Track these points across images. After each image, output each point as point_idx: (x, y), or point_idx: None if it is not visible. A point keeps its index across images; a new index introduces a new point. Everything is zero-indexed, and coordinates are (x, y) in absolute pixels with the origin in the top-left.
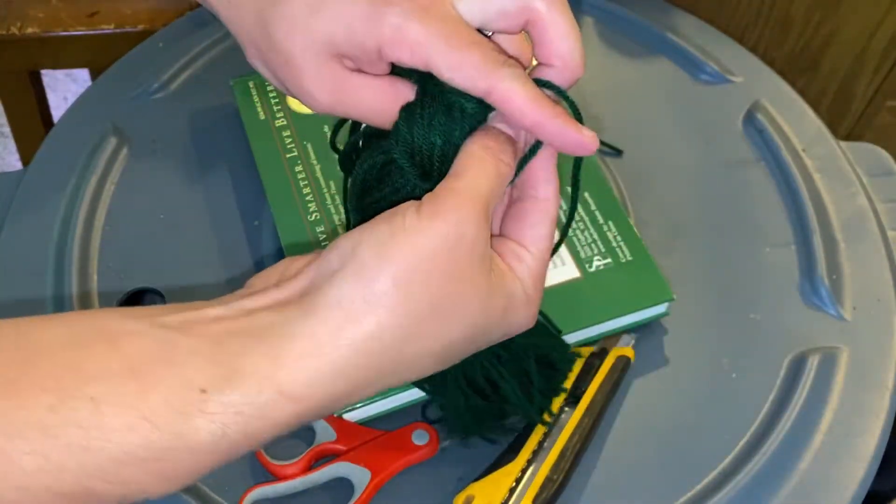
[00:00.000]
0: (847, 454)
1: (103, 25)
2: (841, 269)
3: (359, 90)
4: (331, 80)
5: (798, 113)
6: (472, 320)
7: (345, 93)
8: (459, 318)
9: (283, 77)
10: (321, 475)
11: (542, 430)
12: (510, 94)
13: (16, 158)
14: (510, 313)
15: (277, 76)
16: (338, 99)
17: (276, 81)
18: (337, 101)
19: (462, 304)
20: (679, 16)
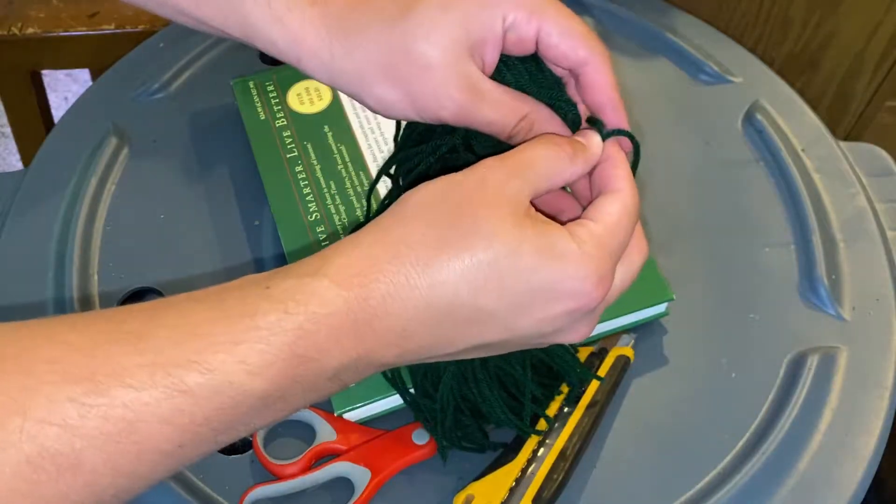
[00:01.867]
0: (846, 454)
1: (104, 26)
2: (840, 269)
3: (490, 94)
4: (466, 83)
5: (798, 113)
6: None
7: (477, 97)
8: (485, 238)
9: (417, 88)
10: (321, 475)
11: (544, 428)
12: (604, 68)
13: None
14: (558, 263)
15: (410, 90)
16: (469, 103)
17: (403, 101)
18: (468, 105)
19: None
20: (679, 16)
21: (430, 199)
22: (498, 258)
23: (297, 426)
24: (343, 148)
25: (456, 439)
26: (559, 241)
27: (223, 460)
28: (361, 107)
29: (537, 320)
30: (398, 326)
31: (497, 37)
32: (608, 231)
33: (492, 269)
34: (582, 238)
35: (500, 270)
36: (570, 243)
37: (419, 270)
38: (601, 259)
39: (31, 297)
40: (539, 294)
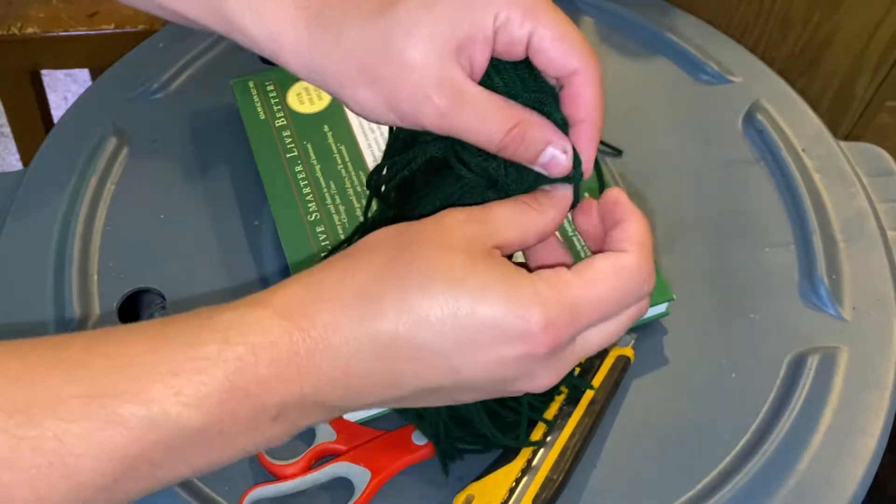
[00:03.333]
0: (847, 454)
1: (104, 25)
2: (840, 268)
3: (476, 100)
4: (448, 86)
5: (798, 113)
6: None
7: (460, 102)
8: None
9: (396, 91)
10: (321, 475)
11: (543, 430)
12: (593, 81)
13: (16, 158)
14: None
15: (389, 93)
16: (451, 109)
17: (382, 105)
18: (450, 111)
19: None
20: (679, 16)
21: (381, 240)
22: (439, 291)
23: None
24: (343, 148)
25: (455, 452)
26: (514, 280)
27: None
28: None
29: (484, 362)
30: (341, 362)
31: (487, 37)
32: (581, 283)
33: (432, 302)
34: (544, 282)
35: (441, 304)
36: (525, 284)
37: (360, 303)
38: (556, 305)
39: (31, 297)
40: (482, 332)
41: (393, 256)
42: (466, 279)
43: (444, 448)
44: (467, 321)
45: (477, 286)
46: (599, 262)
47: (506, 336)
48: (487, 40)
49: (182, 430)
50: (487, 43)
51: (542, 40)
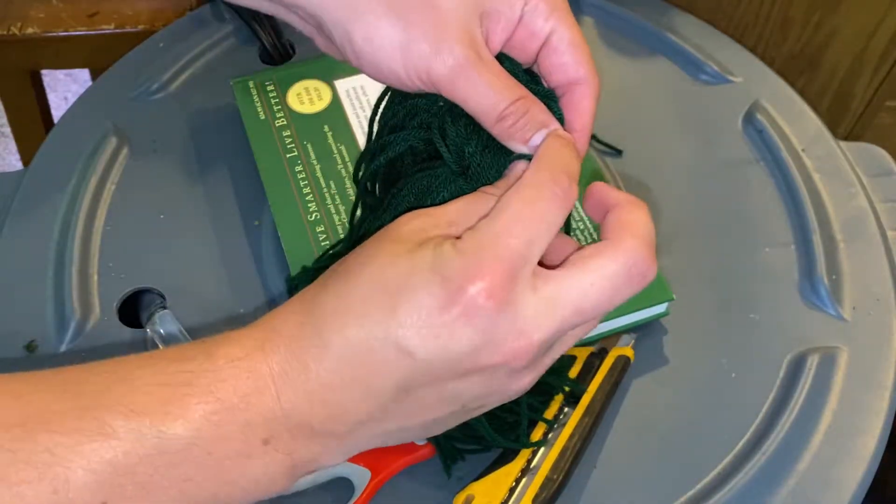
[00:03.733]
0: (847, 454)
1: (104, 25)
2: (840, 269)
3: (490, 63)
4: (470, 39)
5: (798, 113)
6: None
7: (477, 60)
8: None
9: (417, 27)
10: (321, 475)
11: (543, 430)
12: (593, 94)
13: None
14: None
15: (408, 28)
16: (469, 62)
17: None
18: (467, 64)
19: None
20: (679, 16)
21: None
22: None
23: None
24: (343, 148)
25: (457, 453)
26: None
27: None
28: (361, 106)
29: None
30: (311, 373)
31: (512, 18)
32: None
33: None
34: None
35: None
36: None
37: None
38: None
39: (31, 297)
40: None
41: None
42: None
43: (445, 450)
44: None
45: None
46: (591, 258)
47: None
48: (511, 21)
49: (168, 443)
50: (510, 23)
51: (561, 41)
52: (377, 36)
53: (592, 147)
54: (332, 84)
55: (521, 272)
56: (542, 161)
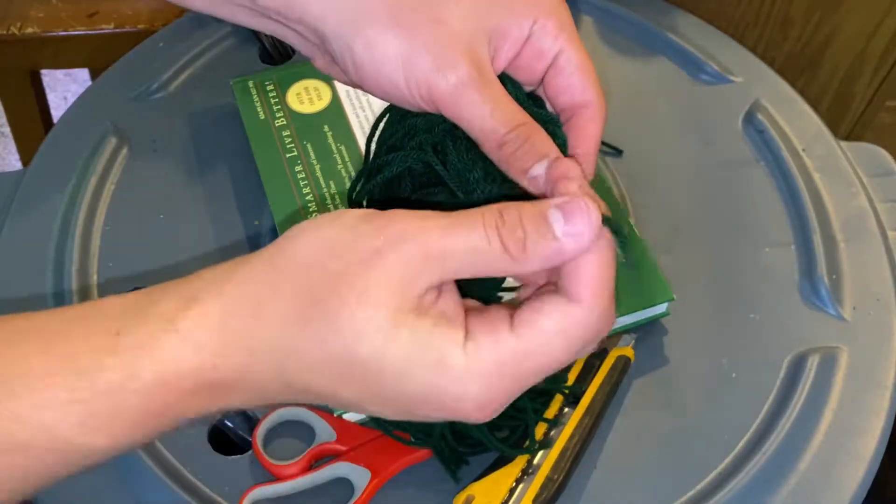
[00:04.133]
0: (847, 454)
1: (103, 25)
2: (841, 268)
3: (494, 84)
4: (475, 58)
5: (798, 113)
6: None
7: (482, 80)
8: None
9: (422, 42)
10: (321, 475)
11: (543, 430)
12: (599, 118)
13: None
14: (430, 376)
15: (413, 41)
16: (472, 80)
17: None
18: (470, 82)
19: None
20: (679, 16)
21: (313, 256)
22: (359, 359)
23: (297, 427)
24: (343, 148)
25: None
26: (443, 349)
27: (222, 461)
28: (361, 106)
29: (402, 413)
30: (256, 393)
31: (520, 37)
32: (522, 352)
33: (352, 368)
34: (479, 351)
35: (362, 371)
36: (456, 355)
37: (276, 346)
38: (492, 383)
39: (31, 297)
40: (404, 399)
41: (317, 294)
42: (390, 349)
43: (446, 454)
44: (390, 393)
45: (400, 359)
46: (548, 320)
47: (437, 408)
48: (518, 40)
49: (86, 452)
50: (517, 42)
51: (569, 62)
52: (380, 47)
53: None
54: (332, 84)
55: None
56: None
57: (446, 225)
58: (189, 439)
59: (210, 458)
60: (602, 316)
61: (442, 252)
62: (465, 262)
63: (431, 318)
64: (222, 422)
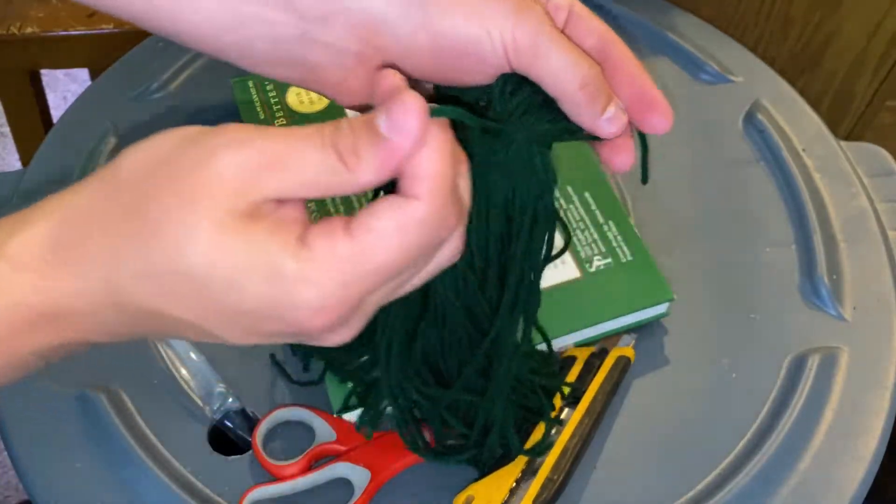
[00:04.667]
0: (847, 454)
1: (103, 25)
2: (841, 269)
3: (560, 35)
4: (544, 12)
5: (798, 113)
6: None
7: (553, 30)
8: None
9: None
10: (321, 475)
11: (542, 430)
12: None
13: (15, 158)
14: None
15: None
16: (548, 34)
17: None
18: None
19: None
20: (679, 16)
21: (142, 166)
22: (186, 270)
23: (297, 427)
24: None
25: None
26: (274, 256)
27: (222, 461)
28: None
29: (249, 334)
30: (94, 323)
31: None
32: (357, 253)
33: (180, 281)
34: (312, 256)
35: (192, 285)
36: (287, 262)
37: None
38: (327, 288)
39: None
40: (242, 315)
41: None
42: (218, 258)
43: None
44: (222, 305)
45: (228, 268)
46: (379, 221)
47: (272, 320)
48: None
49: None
50: None
51: (582, 9)
52: (456, 4)
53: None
54: None
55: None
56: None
57: (286, 134)
58: (189, 439)
59: (210, 458)
60: (441, 212)
61: (279, 159)
62: (306, 174)
63: (265, 225)
64: (222, 422)
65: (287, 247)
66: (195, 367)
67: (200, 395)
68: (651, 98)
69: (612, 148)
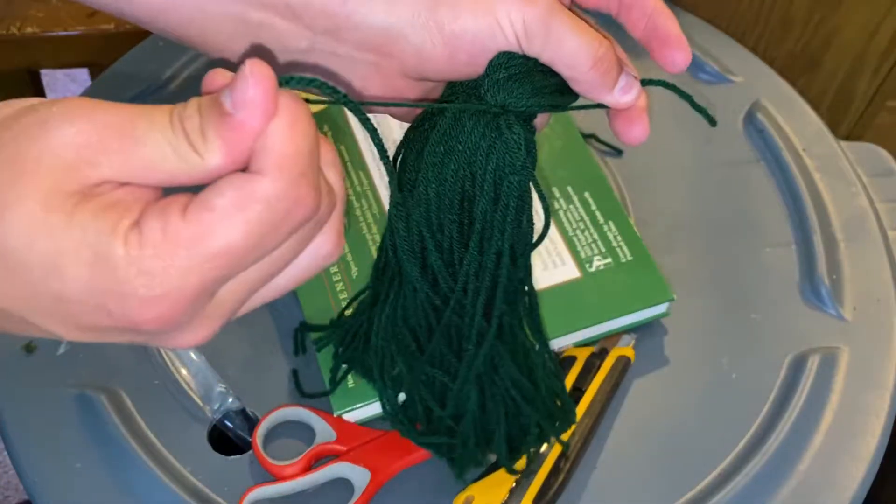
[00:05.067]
0: (847, 454)
1: (103, 25)
2: (841, 269)
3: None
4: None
5: (798, 113)
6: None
7: (563, 7)
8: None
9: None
10: (321, 475)
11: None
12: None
13: None
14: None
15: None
16: (560, 6)
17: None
18: (558, 9)
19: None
20: (679, 15)
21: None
22: (3, 251)
23: (297, 427)
24: (343, 148)
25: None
26: (100, 240)
27: (222, 461)
28: None
29: (79, 328)
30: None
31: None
32: (193, 236)
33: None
34: (142, 240)
35: (11, 266)
36: (114, 245)
37: None
38: (158, 277)
39: None
40: (65, 303)
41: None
42: (38, 239)
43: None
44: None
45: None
46: (219, 197)
47: (98, 311)
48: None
49: None
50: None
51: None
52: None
53: (592, 147)
54: None
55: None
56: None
57: (133, 111)
58: (189, 439)
59: (210, 458)
60: (291, 189)
61: (120, 137)
62: (148, 155)
63: (95, 205)
64: (222, 422)
65: (117, 229)
66: (195, 367)
67: (200, 395)
68: (665, 34)
69: (625, 120)
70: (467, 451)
